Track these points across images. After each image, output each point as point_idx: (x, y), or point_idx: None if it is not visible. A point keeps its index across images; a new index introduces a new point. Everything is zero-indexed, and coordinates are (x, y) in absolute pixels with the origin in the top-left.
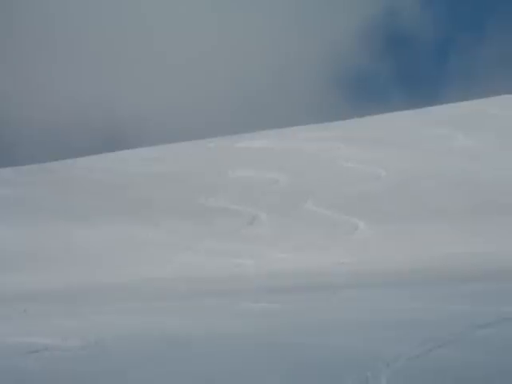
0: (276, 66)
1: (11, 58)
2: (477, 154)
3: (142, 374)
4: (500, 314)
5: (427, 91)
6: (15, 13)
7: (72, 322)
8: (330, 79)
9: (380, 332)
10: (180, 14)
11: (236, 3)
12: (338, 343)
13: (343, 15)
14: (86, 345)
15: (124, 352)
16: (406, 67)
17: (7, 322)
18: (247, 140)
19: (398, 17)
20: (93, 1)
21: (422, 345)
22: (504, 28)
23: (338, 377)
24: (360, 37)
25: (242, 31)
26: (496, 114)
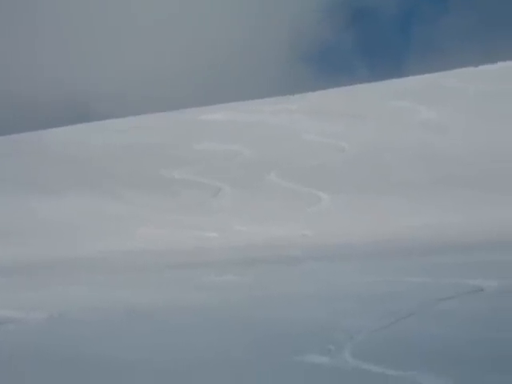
0: (239, 39)
1: None
2: (439, 127)
3: (105, 347)
4: (461, 287)
5: (390, 64)
6: None
7: (36, 295)
8: (293, 52)
9: (342, 305)
10: None
11: None
12: (300, 316)
13: None
14: (50, 317)
15: (88, 325)
16: (370, 39)
17: None
18: (211, 113)
19: None
20: None
21: (384, 317)
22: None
23: (300, 350)
24: (323, 9)
25: (205, 4)
26: (458, 86)
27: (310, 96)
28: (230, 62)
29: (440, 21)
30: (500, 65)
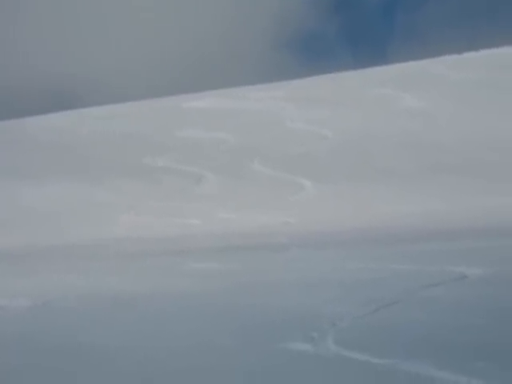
0: (224, 27)
1: None
2: (423, 115)
3: (89, 335)
4: (445, 274)
5: (375, 51)
6: None
7: (19, 283)
8: (277, 40)
9: (325, 292)
10: None
11: None
12: (283, 303)
13: None
14: (34, 305)
15: (71, 312)
16: (354, 27)
17: None
18: (195, 100)
19: None
20: None
21: (368, 304)
22: None
23: (283, 337)
24: None
25: None
26: (442, 74)
27: (294, 83)
28: (215, 49)
29: (424, 8)
30: (483, 52)
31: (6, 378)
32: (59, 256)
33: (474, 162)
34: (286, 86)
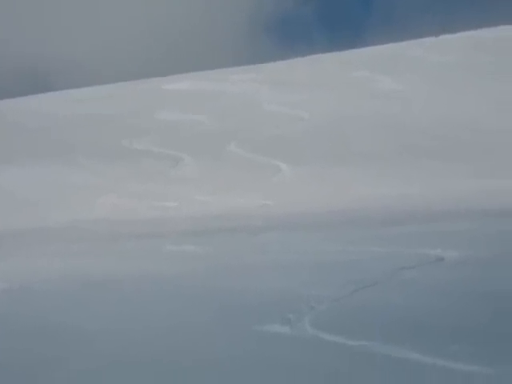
0: (201, 10)
1: None
2: (400, 97)
3: (67, 317)
4: (423, 257)
5: (351, 34)
6: None
7: None
8: (254, 22)
9: (302, 275)
10: None
11: None
12: (261, 286)
13: None
14: (10, 288)
15: (49, 295)
16: (331, 10)
17: None
18: (173, 82)
19: None
20: None
21: (345, 287)
22: None
23: (261, 320)
24: None
25: None
26: (419, 56)
27: (271, 66)
28: (192, 32)
29: None
30: (460, 35)
31: None
32: (37, 239)
33: (450, 144)
34: (263, 69)
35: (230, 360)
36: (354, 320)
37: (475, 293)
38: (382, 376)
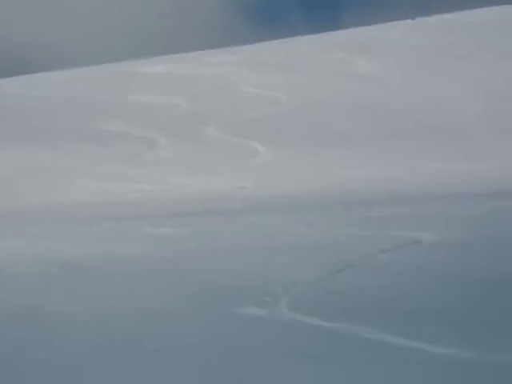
0: None
1: None
2: (376, 80)
3: (40, 300)
4: (400, 240)
5: (328, 16)
6: None
7: None
8: (231, 4)
9: (279, 257)
10: None
11: None
12: (237, 269)
13: None
14: None
15: (23, 278)
16: None
17: None
18: (148, 65)
19: None
20: None
21: (321, 269)
22: None
23: (237, 302)
24: None
25: None
26: (395, 39)
27: (247, 48)
28: (168, 15)
29: None
30: (436, 18)
31: None
32: (11, 222)
33: (426, 126)
34: (239, 51)
35: (207, 342)
36: (330, 302)
37: (451, 275)
38: (359, 357)
